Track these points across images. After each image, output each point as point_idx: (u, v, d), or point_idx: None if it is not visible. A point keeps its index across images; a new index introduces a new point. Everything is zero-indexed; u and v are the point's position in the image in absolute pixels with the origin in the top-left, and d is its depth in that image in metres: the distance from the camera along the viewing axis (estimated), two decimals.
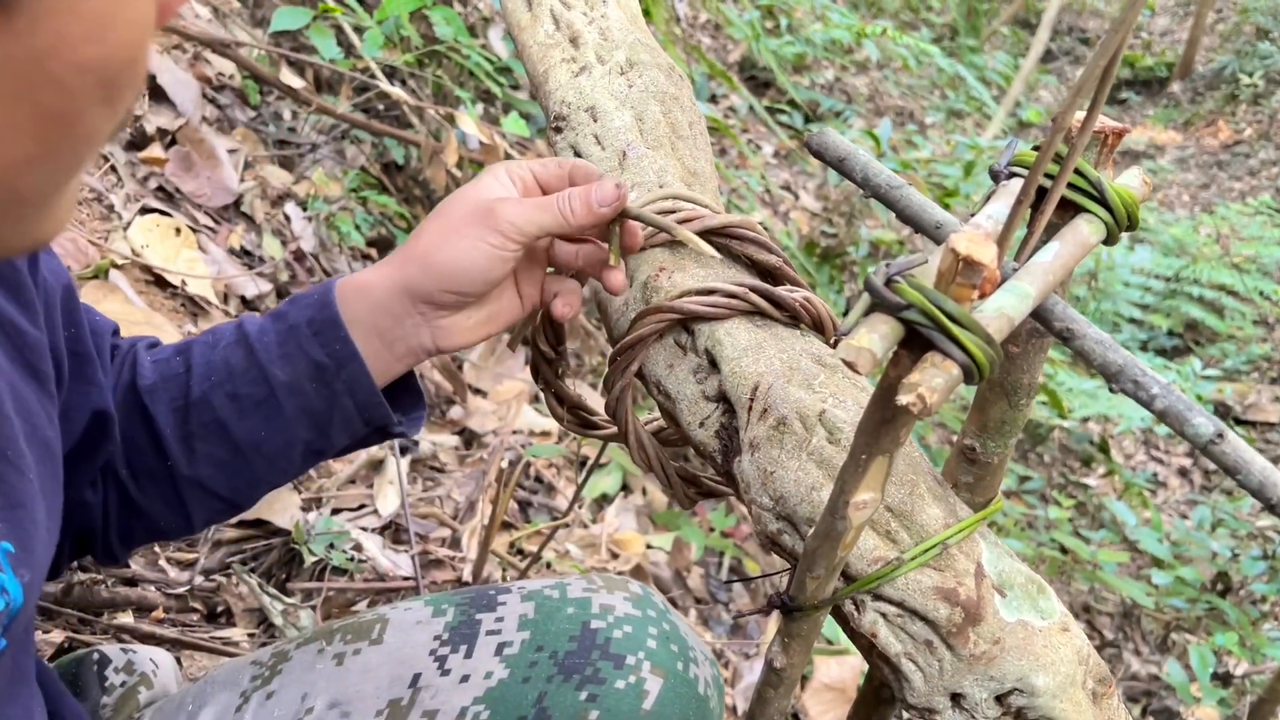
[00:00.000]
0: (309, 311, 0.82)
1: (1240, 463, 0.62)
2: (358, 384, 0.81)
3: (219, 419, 0.81)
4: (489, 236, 0.80)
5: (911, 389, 0.60)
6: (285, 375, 0.81)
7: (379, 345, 0.82)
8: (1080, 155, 0.70)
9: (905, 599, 0.80)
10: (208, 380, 0.81)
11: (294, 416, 0.81)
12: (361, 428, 0.84)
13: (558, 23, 1.06)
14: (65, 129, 0.43)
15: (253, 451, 0.82)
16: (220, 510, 0.85)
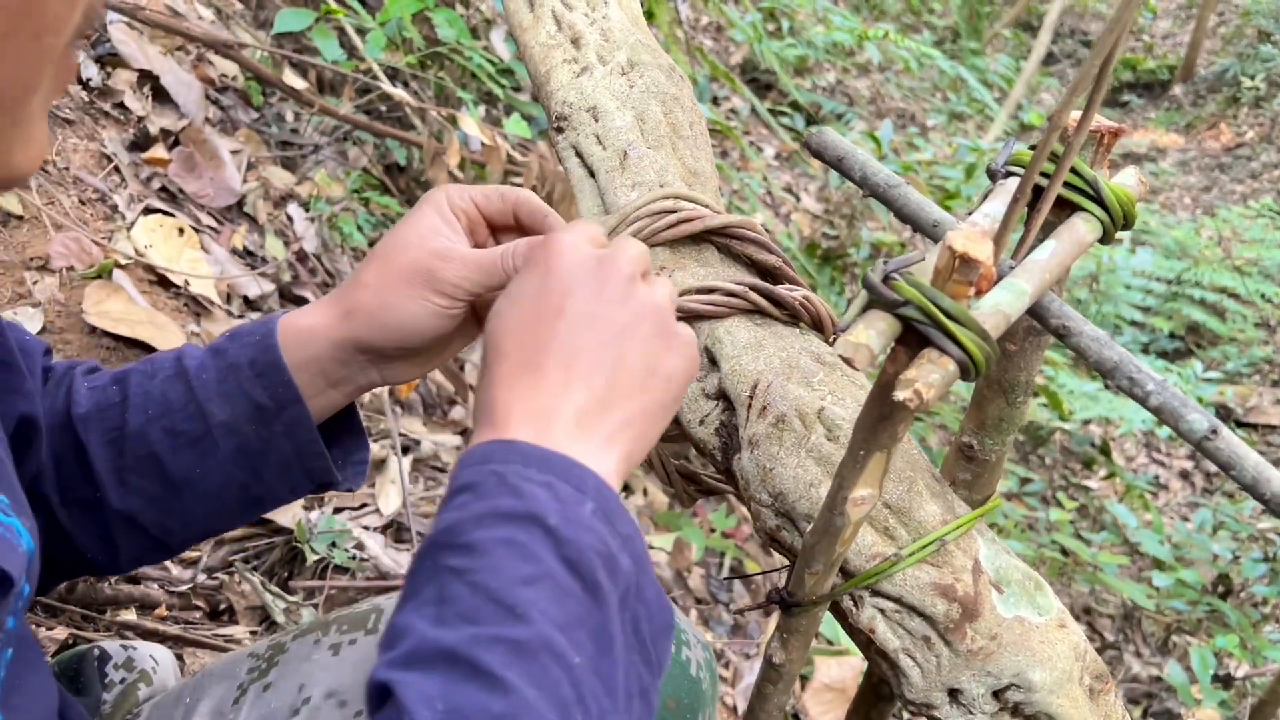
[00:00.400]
0: (250, 351, 0.78)
1: (1234, 458, 0.63)
2: (298, 427, 0.79)
3: (154, 453, 0.78)
4: (433, 298, 0.76)
5: (908, 384, 0.60)
6: (223, 414, 0.78)
7: (324, 385, 0.80)
8: (1076, 154, 0.71)
9: (903, 595, 0.81)
10: (144, 413, 0.78)
11: (230, 456, 0.78)
12: (301, 478, 0.81)
13: (559, 24, 1.07)
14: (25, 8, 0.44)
15: (186, 488, 0.79)
16: (149, 548, 0.81)
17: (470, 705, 0.50)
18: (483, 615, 0.53)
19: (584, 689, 0.54)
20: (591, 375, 0.64)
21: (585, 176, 1.01)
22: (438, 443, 2.10)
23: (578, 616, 0.55)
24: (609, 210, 0.98)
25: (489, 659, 0.51)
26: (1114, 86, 8.83)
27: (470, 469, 0.60)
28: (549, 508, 0.57)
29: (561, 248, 0.67)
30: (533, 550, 0.55)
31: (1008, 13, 8.87)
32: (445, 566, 0.56)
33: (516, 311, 0.66)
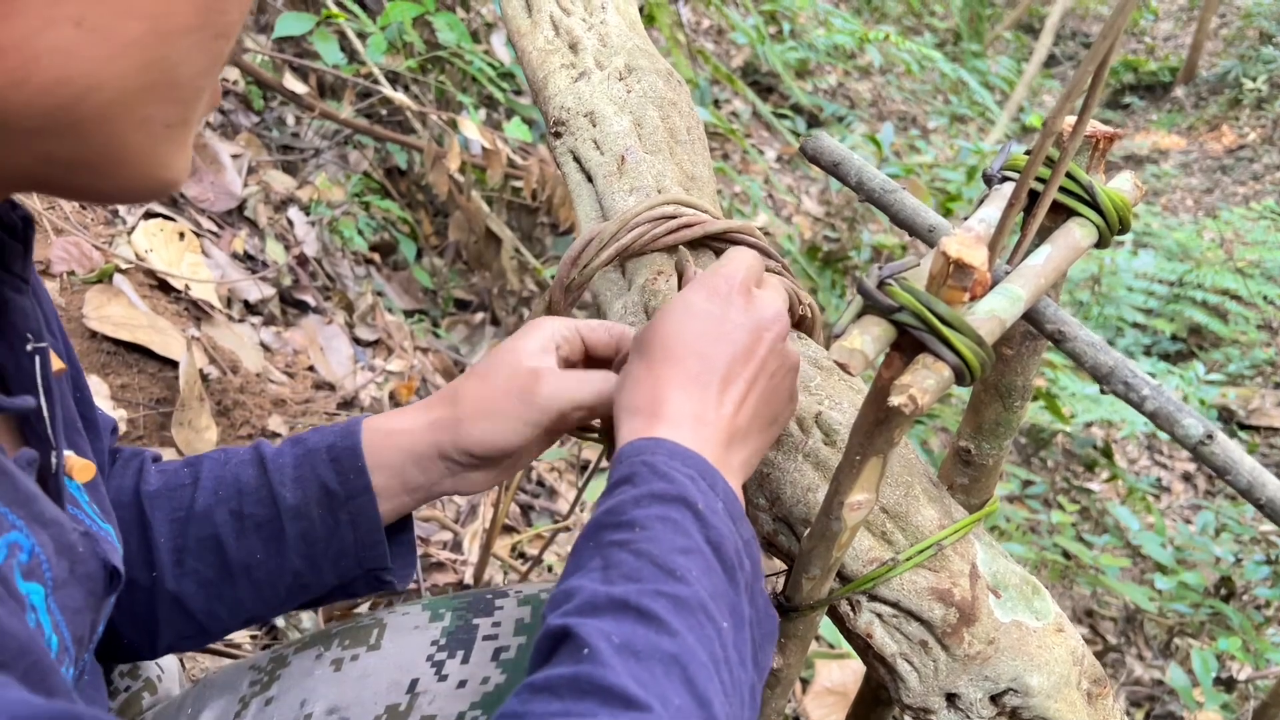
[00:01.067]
0: (330, 438, 0.80)
1: (1229, 463, 0.63)
2: (362, 516, 0.80)
3: (217, 535, 0.79)
4: (525, 414, 0.78)
5: (903, 390, 0.60)
6: (294, 499, 0.79)
7: (398, 488, 0.81)
8: (1072, 159, 0.71)
9: (900, 599, 0.81)
10: (214, 494, 0.79)
11: (293, 544, 0.80)
12: (354, 567, 0.82)
13: (557, 29, 1.07)
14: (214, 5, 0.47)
15: (242, 574, 0.80)
16: (188, 637, 0.82)
17: (642, 642, 0.55)
18: (646, 575, 0.59)
19: (729, 651, 0.60)
20: (746, 406, 0.72)
21: (583, 181, 1.01)
22: None
23: (720, 590, 0.62)
24: (606, 215, 0.98)
25: (656, 607, 0.57)
26: (1115, 88, 8.83)
27: (626, 462, 0.66)
28: (695, 494, 0.64)
29: (741, 286, 0.74)
30: (685, 527, 0.62)
31: (1009, 15, 8.87)
32: (608, 541, 0.62)
33: (693, 325, 0.72)
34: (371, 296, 2.37)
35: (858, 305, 0.64)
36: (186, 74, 0.48)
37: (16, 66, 0.42)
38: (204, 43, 0.47)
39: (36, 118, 0.44)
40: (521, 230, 2.93)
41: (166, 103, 0.48)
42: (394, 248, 2.68)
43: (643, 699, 0.52)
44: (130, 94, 0.46)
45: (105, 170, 0.48)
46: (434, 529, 1.87)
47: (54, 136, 0.45)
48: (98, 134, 0.46)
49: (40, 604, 0.54)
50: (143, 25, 0.44)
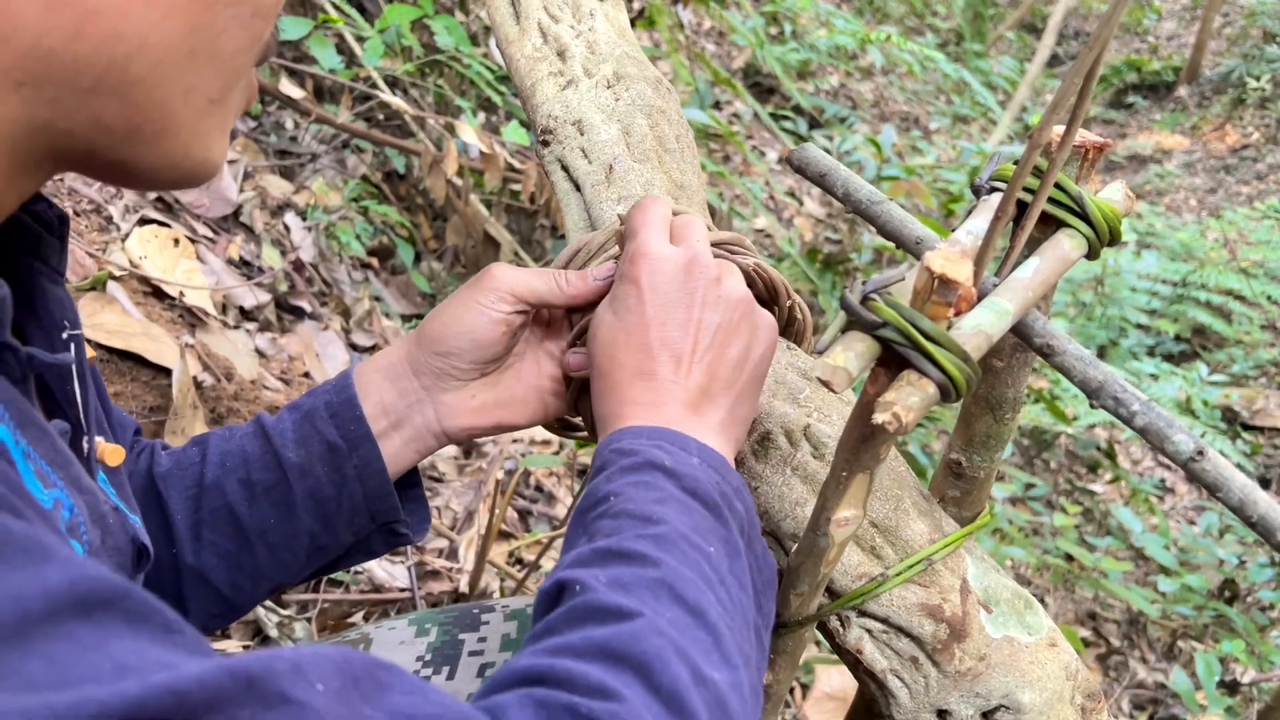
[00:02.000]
0: (326, 395, 0.82)
1: (1220, 480, 0.62)
2: (368, 466, 0.81)
3: (229, 504, 0.80)
4: (477, 295, 0.80)
5: (887, 407, 0.59)
6: (298, 458, 0.80)
7: (387, 424, 0.82)
8: (1060, 170, 0.70)
9: (890, 615, 0.80)
10: (222, 467, 0.81)
11: (303, 503, 0.81)
12: (367, 523, 0.83)
13: (545, 36, 1.06)
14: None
15: (259, 540, 0.81)
16: (217, 615, 0.83)
17: (630, 575, 0.58)
18: (624, 527, 0.62)
19: (722, 573, 0.62)
20: (698, 372, 0.73)
21: (571, 190, 1.00)
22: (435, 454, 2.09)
23: (704, 525, 0.64)
24: (594, 224, 0.97)
25: (638, 546, 0.60)
26: (1118, 88, 8.80)
27: (598, 458, 0.70)
28: (662, 456, 0.67)
29: (652, 263, 0.74)
30: (656, 484, 0.65)
31: (1011, 15, 8.85)
32: (589, 519, 0.65)
33: (623, 324, 0.73)
34: (368, 301, 2.36)
35: (841, 321, 0.63)
36: (227, 47, 0.50)
37: (75, 19, 0.44)
38: (243, 18, 0.50)
39: (91, 74, 0.46)
40: (520, 234, 2.93)
41: (209, 74, 0.50)
42: (392, 252, 2.67)
43: (633, 608, 0.56)
44: (177, 57, 0.48)
45: (152, 140, 0.50)
46: (430, 536, 1.86)
47: (105, 96, 0.47)
48: (146, 98, 0.48)
49: None
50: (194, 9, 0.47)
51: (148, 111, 0.49)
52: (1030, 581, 3.34)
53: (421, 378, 0.82)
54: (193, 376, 1.70)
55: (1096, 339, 5.04)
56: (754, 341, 0.75)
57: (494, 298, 0.80)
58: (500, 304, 0.80)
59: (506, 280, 0.81)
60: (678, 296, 0.73)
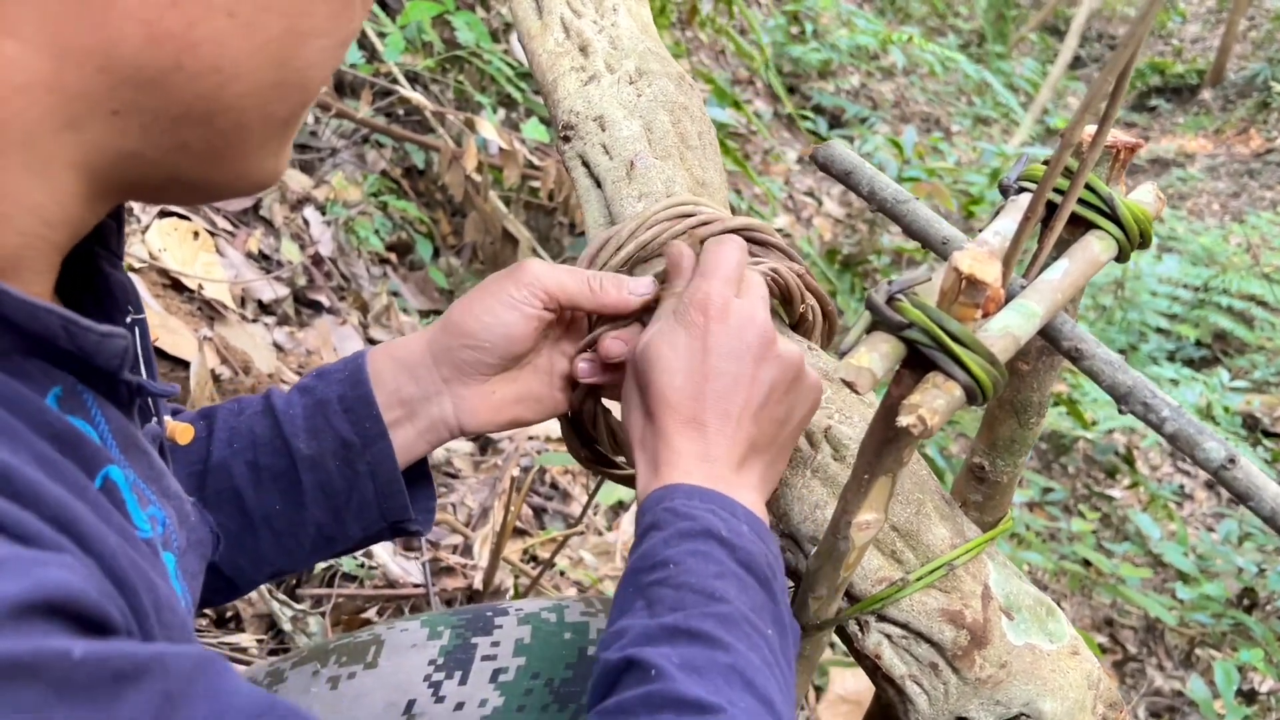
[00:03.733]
0: (340, 388, 0.80)
1: (1252, 489, 0.61)
2: (381, 465, 0.80)
3: (235, 487, 0.79)
4: (510, 289, 0.80)
5: (912, 410, 0.58)
6: (309, 449, 0.79)
7: (402, 415, 0.81)
8: (1091, 170, 0.69)
9: (910, 621, 0.79)
10: (229, 447, 0.80)
11: (311, 494, 0.80)
12: (376, 518, 0.82)
13: (568, 31, 1.05)
14: (346, 8, 0.50)
15: (263, 525, 0.80)
16: (217, 590, 0.82)
17: (701, 658, 0.60)
18: (688, 602, 0.63)
19: (778, 656, 0.64)
20: (746, 428, 0.74)
21: (592, 186, 1.00)
22: (450, 449, 2.09)
23: (760, 603, 0.66)
24: (615, 220, 0.97)
25: (705, 626, 0.61)
26: (1142, 91, 8.74)
27: (649, 513, 0.70)
28: (717, 524, 0.68)
29: (722, 313, 0.75)
30: (714, 555, 0.66)
31: (1034, 16, 8.79)
32: (647, 582, 0.66)
33: (681, 366, 0.74)
34: (386, 297, 2.36)
35: (866, 321, 0.62)
36: (312, 76, 0.51)
37: (175, 52, 0.45)
38: (330, 47, 0.51)
39: (182, 104, 0.47)
40: (539, 231, 2.92)
41: (289, 100, 0.51)
42: (411, 247, 2.67)
43: (714, 703, 0.57)
44: (263, 88, 0.49)
45: (228, 161, 0.51)
46: (444, 533, 1.86)
47: (192, 124, 0.48)
48: (228, 124, 0.49)
49: (173, 572, 0.57)
50: (283, 24, 0.47)
51: (228, 136, 0.49)
52: (1047, 587, 3.32)
53: (442, 368, 0.81)
54: (210, 369, 1.70)
55: (1116, 343, 5.00)
56: (799, 402, 0.77)
57: (528, 293, 0.79)
58: (534, 299, 0.80)
59: (542, 277, 0.80)
60: (739, 350, 0.74)
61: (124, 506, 0.50)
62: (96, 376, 0.51)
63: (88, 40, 0.43)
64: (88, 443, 0.48)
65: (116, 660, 0.37)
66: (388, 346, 0.83)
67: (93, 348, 0.48)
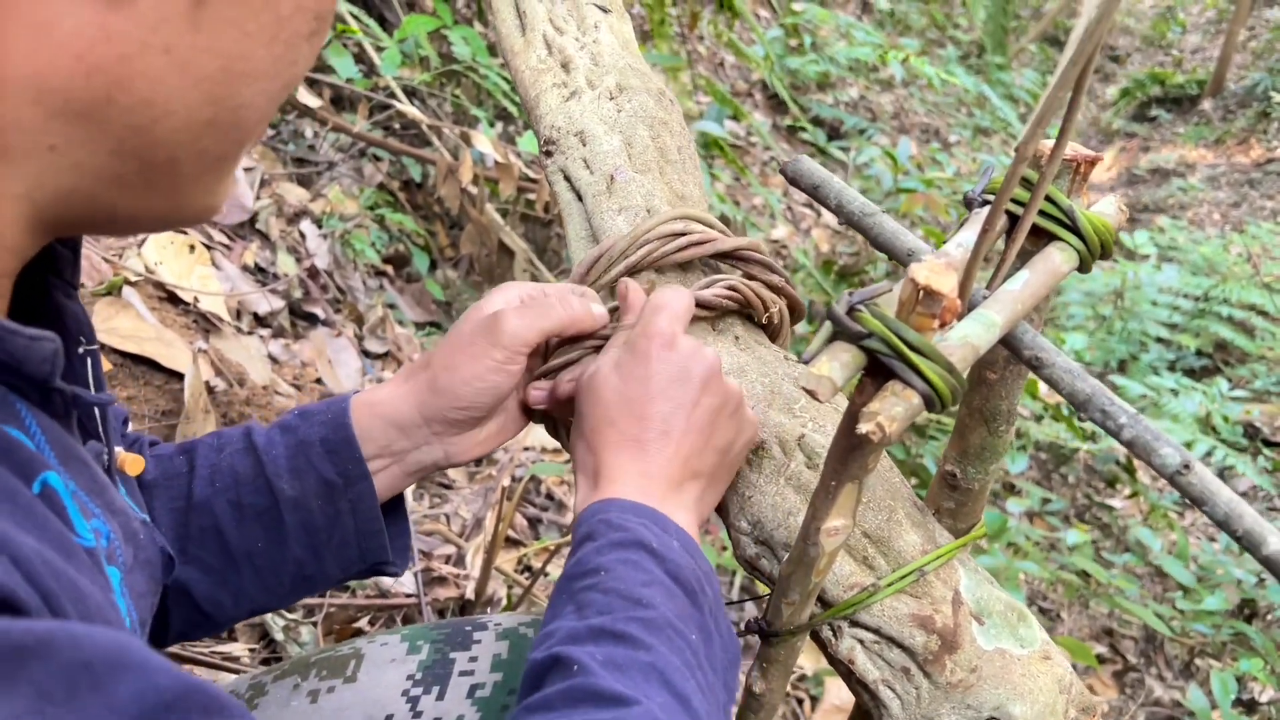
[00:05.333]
0: (322, 430, 0.82)
1: (1206, 494, 0.62)
2: (361, 504, 0.82)
3: (218, 525, 0.80)
4: (493, 353, 0.81)
5: (871, 417, 0.60)
6: (292, 490, 0.81)
7: (389, 461, 0.83)
8: (1051, 183, 0.70)
9: (882, 626, 0.80)
10: (211, 485, 0.81)
11: (294, 533, 0.81)
12: (355, 559, 0.84)
13: (550, 48, 1.07)
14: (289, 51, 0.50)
15: (245, 563, 0.81)
16: (196, 624, 0.84)
17: (623, 657, 0.62)
18: (615, 607, 0.66)
19: (700, 659, 0.67)
20: (685, 451, 0.77)
21: (573, 200, 1.01)
22: None
23: (685, 612, 0.68)
24: (596, 234, 0.98)
25: (629, 629, 0.64)
26: (1142, 101, 8.75)
27: (585, 524, 0.73)
28: (649, 537, 0.71)
29: (666, 342, 0.78)
30: (643, 564, 0.69)
31: (1034, 27, 8.82)
32: (578, 588, 0.68)
33: (625, 389, 0.78)
34: (382, 309, 2.38)
35: (828, 331, 0.63)
36: (248, 116, 0.51)
37: (108, 84, 0.45)
38: (269, 90, 0.51)
39: (116, 137, 0.47)
40: (535, 242, 2.94)
41: (225, 138, 0.51)
42: (407, 260, 2.69)
43: (631, 696, 0.59)
44: (197, 125, 0.49)
45: (163, 193, 0.51)
46: (437, 543, 1.87)
47: (125, 157, 0.48)
48: (162, 158, 0.49)
49: (118, 587, 0.57)
50: (219, 63, 0.48)
51: (162, 170, 0.50)
52: (1046, 597, 3.32)
53: (434, 425, 0.83)
54: (205, 381, 1.72)
55: (1117, 353, 5.01)
56: (739, 435, 0.81)
57: (508, 354, 0.82)
58: (517, 358, 0.82)
59: (521, 334, 0.82)
60: (683, 377, 0.78)
61: (65, 513, 0.50)
62: (29, 385, 0.51)
63: (19, 71, 0.43)
64: (21, 448, 0.48)
65: (18, 634, 0.38)
66: (374, 403, 0.84)
67: (21, 353, 0.48)
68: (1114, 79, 9.44)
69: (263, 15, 0.48)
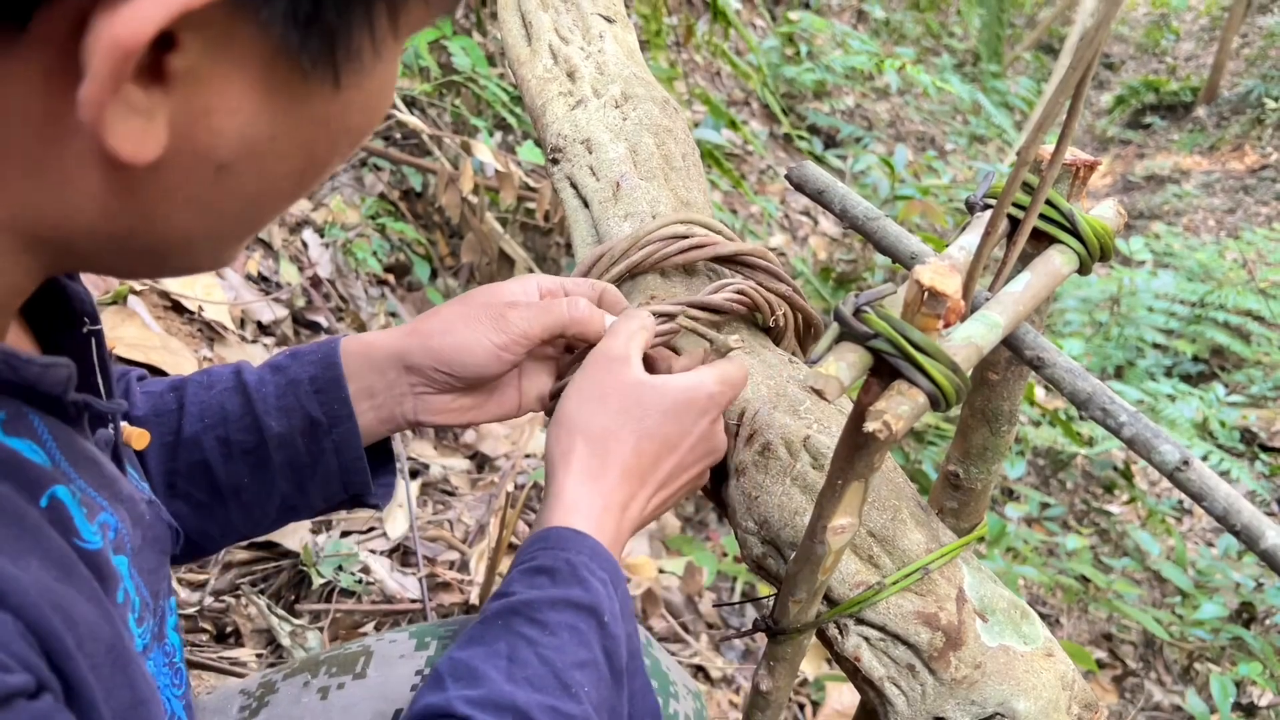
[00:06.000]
0: (312, 369, 0.83)
1: (1205, 489, 0.63)
2: (346, 444, 0.83)
3: (205, 460, 0.82)
4: (494, 335, 0.83)
5: (878, 416, 0.61)
6: (280, 427, 0.82)
7: (366, 406, 0.85)
8: (1051, 187, 0.72)
9: (887, 623, 0.81)
10: (200, 421, 0.82)
11: (279, 469, 0.83)
12: (339, 491, 0.86)
13: (556, 57, 1.08)
14: (315, 176, 0.51)
15: (232, 497, 0.83)
16: (185, 552, 0.85)
17: None
18: (546, 686, 0.66)
19: None
20: (646, 484, 0.80)
21: (579, 207, 1.03)
22: (447, 466, 2.12)
23: (606, 699, 0.70)
24: (602, 240, 1.00)
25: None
26: (1137, 109, 8.79)
27: (548, 553, 0.73)
28: (604, 604, 0.72)
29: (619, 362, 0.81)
30: (588, 639, 0.70)
31: (1029, 36, 8.86)
32: (519, 632, 0.69)
33: (599, 421, 0.79)
34: (384, 317, 2.39)
35: (834, 332, 0.65)
36: (269, 219, 0.53)
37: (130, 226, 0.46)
38: (293, 200, 0.52)
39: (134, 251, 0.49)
40: (535, 252, 2.95)
41: (242, 236, 0.53)
42: (408, 269, 2.71)
43: None
44: (216, 234, 0.51)
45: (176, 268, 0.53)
46: (441, 548, 1.88)
47: (140, 256, 0.50)
48: (177, 256, 0.51)
49: (125, 573, 0.58)
50: (241, 205, 0.49)
51: (176, 256, 0.51)
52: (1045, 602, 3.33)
53: (412, 377, 0.84)
54: None
55: (1114, 359, 5.02)
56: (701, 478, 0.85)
57: (509, 342, 0.83)
58: (516, 349, 0.84)
59: (529, 330, 0.83)
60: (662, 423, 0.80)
61: (71, 523, 0.51)
62: (42, 399, 0.52)
63: (45, 210, 0.44)
64: (30, 467, 0.50)
65: None
66: (363, 343, 0.85)
67: (35, 378, 0.50)
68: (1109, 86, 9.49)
69: (292, 159, 0.48)
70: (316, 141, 0.49)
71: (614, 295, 0.90)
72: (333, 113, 0.48)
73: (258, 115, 0.45)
